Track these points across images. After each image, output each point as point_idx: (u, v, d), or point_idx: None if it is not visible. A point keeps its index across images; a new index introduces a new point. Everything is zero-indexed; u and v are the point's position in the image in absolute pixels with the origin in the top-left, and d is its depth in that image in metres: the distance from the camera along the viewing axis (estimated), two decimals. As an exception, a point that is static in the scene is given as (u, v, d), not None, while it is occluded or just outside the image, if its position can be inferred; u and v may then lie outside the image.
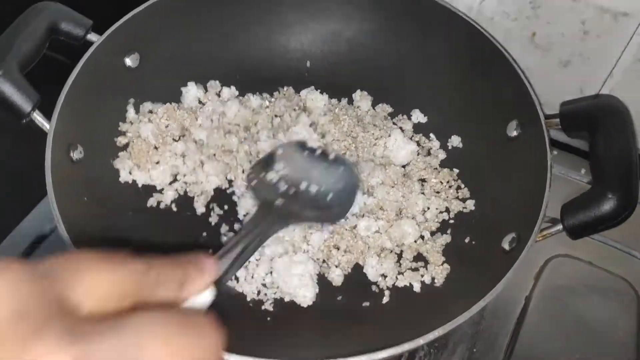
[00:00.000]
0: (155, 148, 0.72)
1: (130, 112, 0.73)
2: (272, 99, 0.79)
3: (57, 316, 0.28)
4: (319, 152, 0.64)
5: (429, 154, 0.76)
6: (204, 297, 0.37)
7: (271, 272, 0.65)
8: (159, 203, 0.70)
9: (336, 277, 0.66)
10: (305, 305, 0.64)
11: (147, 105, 0.74)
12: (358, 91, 0.81)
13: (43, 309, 0.28)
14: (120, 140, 0.71)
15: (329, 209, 0.60)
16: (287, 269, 0.64)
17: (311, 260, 0.65)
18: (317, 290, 0.64)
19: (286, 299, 0.64)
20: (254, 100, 0.77)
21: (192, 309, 0.36)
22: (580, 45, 0.77)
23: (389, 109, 0.80)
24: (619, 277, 0.76)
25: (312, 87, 0.80)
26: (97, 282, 0.31)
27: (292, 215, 0.56)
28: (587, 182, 0.82)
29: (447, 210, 0.71)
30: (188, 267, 0.36)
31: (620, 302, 0.74)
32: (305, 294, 0.63)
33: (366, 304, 0.64)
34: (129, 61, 0.72)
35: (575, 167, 0.84)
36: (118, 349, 0.28)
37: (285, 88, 0.81)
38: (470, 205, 0.71)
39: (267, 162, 0.61)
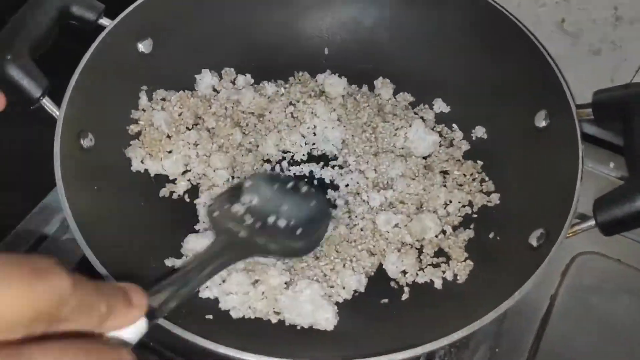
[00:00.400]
0: (168, 137, 0.70)
1: (143, 99, 0.71)
2: (287, 85, 0.76)
3: None
4: (290, 184, 0.61)
5: (451, 145, 0.73)
6: (134, 329, 0.34)
7: (278, 313, 0.59)
8: (171, 193, 0.68)
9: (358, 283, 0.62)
10: (331, 329, 0.58)
11: (160, 93, 0.72)
12: (380, 78, 0.78)
13: None
14: (133, 129, 0.69)
15: (296, 243, 0.58)
16: (294, 301, 0.59)
17: (314, 282, 0.60)
18: (335, 309, 0.59)
19: (306, 327, 0.59)
20: (269, 87, 0.75)
21: (113, 340, 0.32)
22: (611, 32, 0.74)
23: (410, 98, 0.77)
24: (647, 275, 0.72)
25: (329, 71, 0.78)
26: (10, 300, 0.25)
27: (256, 249, 0.54)
28: (616, 177, 0.79)
29: (470, 204, 0.68)
30: (116, 297, 0.32)
31: (650, 301, 0.71)
32: (325, 316, 0.58)
33: (385, 300, 0.62)
34: (141, 47, 0.70)
35: (604, 161, 0.80)
36: None
37: (300, 73, 0.78)
38: (495, 199, 0.68)
39: (234, 193, 0.59)
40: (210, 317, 0.58)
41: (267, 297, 0.59)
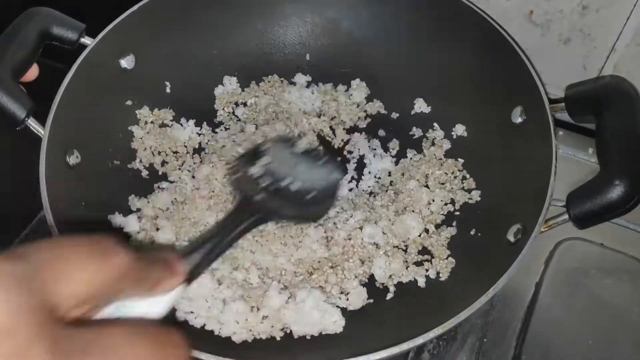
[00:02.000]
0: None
1: (138, 132, 0.73)
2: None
3: (43, 332, 0.27)
4: (305, 147, 0.62)
5: (433, 144, 0.75)
6: (172, 295, 0.38)
7: (282, 329, 0.60)
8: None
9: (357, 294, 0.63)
10: (340, 330, 0.60)
11: (144, 113, 0.74)
12: (357, 80, 0.80)
13: (30, 325, 0.26)
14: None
15: (308, 208, 0.58)
16: (299, 313, 0.60)
17: (313, 289, 0.61)
18: (339, 310, 0.61)
19: (316, 335, 0.60)
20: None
21: (163, 326, 0.35)
22: (579, 21, 0.74)
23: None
24: (631, 257, 0.73)
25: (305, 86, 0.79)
26: (84, 279, 0.30)
27: (271, 213, 0.55)
28: (595, 162, 0.79)
29: (453, 202, 0.69)
30: (163, 268, 0.37)
31: (634, 284, 0.71)
32: (333, 320, 0.60)
33: (370, 300, 0.63)
34: (124, 63, 0.72)
35: (582, 147, 0.81)
36: None
37: (269, 76, 0.80)
38: (476, 196, 0.69)
39: (253, 154, 0.60)
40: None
41: (269, 318, 0.60)
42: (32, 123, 0.61)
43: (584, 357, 0.66)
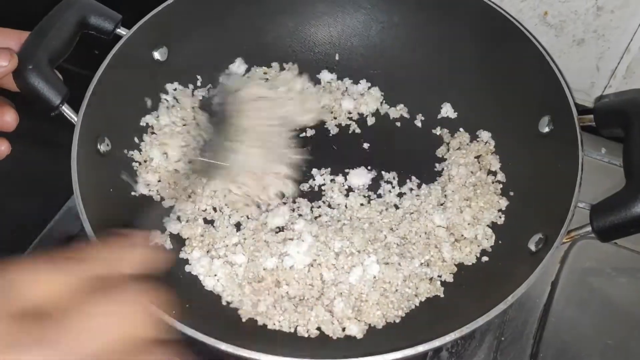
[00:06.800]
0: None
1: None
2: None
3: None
4: None
5: (459, 149, 0.74)
6: None
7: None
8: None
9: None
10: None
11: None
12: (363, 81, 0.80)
13: None
14: None
15: None
16: None
17: None
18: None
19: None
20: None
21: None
22: (593, 22, 0.74)
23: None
24: (646, 257, 0.72)
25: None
26: (43, 286, 0.35)
27: None
28: (608, 162, 0.80)
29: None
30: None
31: (650, 283, 0.71)
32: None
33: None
34: (157, 55, 0.73)
35: (595, 147, 0.80)
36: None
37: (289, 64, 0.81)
38: (503, 203, 0.69)
39: None
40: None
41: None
42: (66, 109, 0.62)
43: (601, 355, 0.66)
